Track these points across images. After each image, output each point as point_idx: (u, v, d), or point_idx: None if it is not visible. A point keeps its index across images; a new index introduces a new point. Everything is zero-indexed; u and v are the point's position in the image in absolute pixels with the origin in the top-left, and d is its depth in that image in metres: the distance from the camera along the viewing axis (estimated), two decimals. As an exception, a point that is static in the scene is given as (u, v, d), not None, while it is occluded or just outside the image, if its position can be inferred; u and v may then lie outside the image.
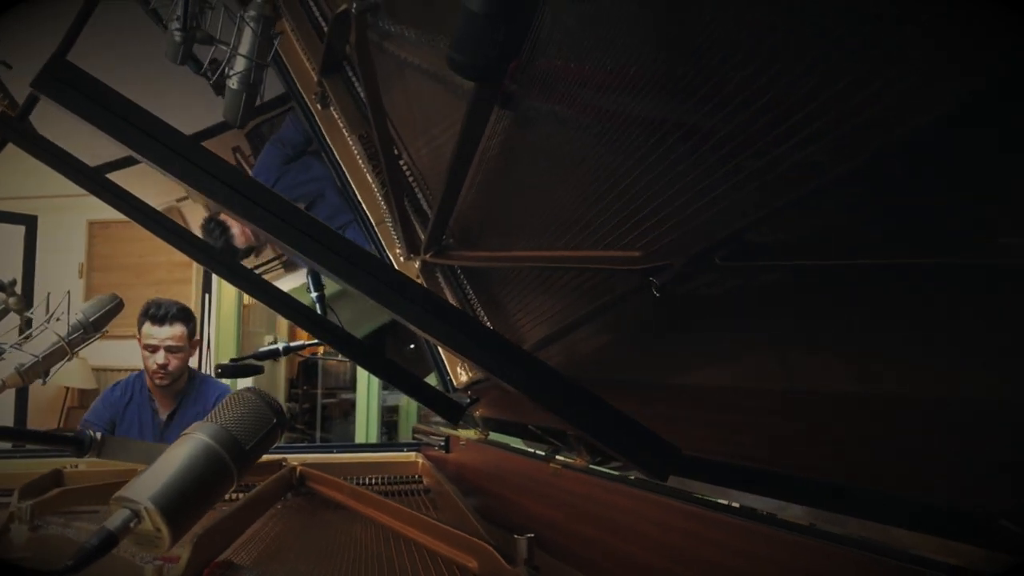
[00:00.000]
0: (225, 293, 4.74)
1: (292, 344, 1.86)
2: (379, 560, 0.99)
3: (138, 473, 0.59)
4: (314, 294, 1.77)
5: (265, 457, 1.04)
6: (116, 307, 1.33)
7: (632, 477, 1.13)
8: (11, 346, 1.14)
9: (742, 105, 0.71)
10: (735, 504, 0.94)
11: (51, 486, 1.36)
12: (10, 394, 3.92)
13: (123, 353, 4.24)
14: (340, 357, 4.28)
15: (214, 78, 1.20)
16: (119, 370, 4.42)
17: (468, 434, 1.62)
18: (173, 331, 2.53)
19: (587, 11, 0.86)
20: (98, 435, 0.63)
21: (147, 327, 2.54)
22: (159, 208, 1.89)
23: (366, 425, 4.34)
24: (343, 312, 2.08)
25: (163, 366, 2.51)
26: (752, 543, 0.89)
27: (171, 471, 0.58)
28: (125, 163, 3.41)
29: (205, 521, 0.84)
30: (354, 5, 1.32)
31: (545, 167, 1.15)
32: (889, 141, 0.61)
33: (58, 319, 1.19)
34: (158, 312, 2.52)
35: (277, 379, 5.75)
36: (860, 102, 0.60)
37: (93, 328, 1.25)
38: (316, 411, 6.29)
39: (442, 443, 1.76)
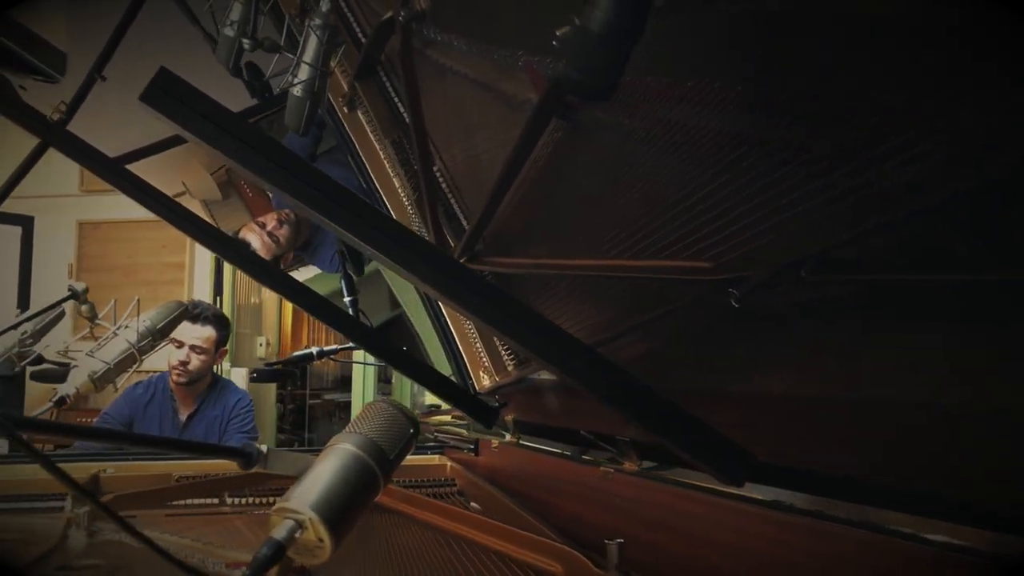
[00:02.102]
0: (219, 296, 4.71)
1: (326, 348, 1.86)
2: (454, 566, 1.00)
3: (294, 484, 0.60)
4: (347, 299, 1.77)
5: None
6: (182, 314, 1.34)
7: (684, 480, 1.16)
8: (86, 353, 1.14)
9: (836, 123, 0.74)
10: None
11: (95, 491, 1.36)
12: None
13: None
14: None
15: (280, 87, 1.21)
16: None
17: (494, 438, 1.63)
18: (202, 332, 2.58)
19: (669, 25, 0.87)
20: (263, 448, 0.64)
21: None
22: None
23: (361, 427, 4.33)
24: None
25: (183, 363, 2.56)
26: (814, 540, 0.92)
27: (326, 482, 0.59)
28: (125, 160, 3.39)
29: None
30: (401, 14, 1.34)
31: (603, 177, 1.17)
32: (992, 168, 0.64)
33: (126, 327, 1.20)
34: (194, 311, 2.56)
35: (265, 380, 5.70)
36: (966, 128, 0.63)
37: (160, 335, 1.26)
38: (305, 412, 6.28)
39: (471, 446, 1.77)
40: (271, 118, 3.61)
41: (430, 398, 4.71)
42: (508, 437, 1.66)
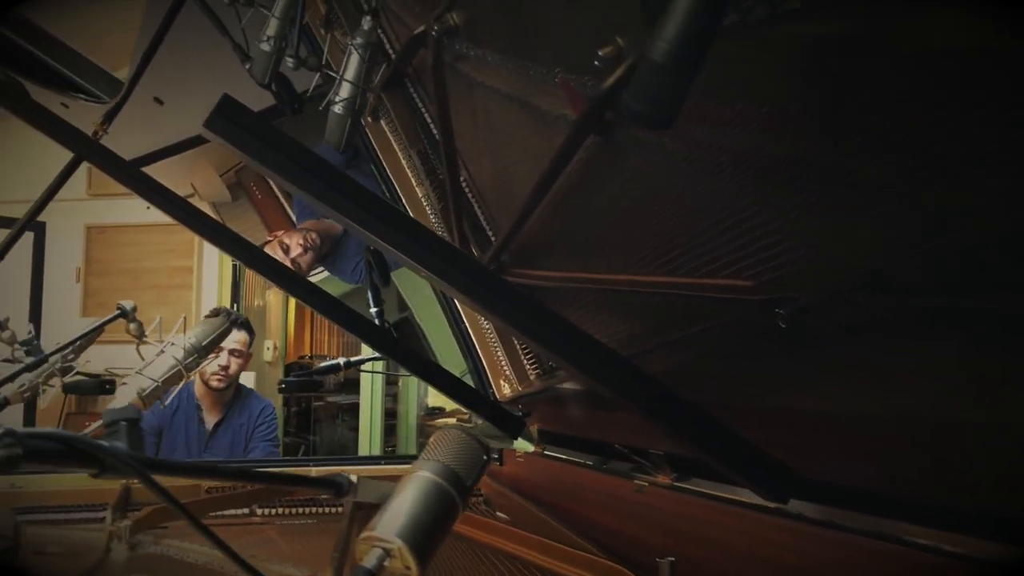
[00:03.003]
0: (225, 301, 4.72)
1: (353, 359, 1.88)
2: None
3: (378, 512, 0.62)
4: (373, 309, 1.78)
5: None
6: (227, 329, 1.35)
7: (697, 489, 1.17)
8: (136, 372, 1.16)
9: (886, 148, 0.75)
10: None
11: (127, 502, 1.37)
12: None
13: (122, 359, 4.18)
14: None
15: (323, 106, 1.22)
16: (118, 375, 4.38)
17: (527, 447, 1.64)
18: (239, 336, 2.71)
19: (721, 49, 0.88)
20: (354, 478, 0.65)
21: None
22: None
23: (369, 433, 4.32)
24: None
25: (225, 368, 2.69)
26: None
27: (410, 511, 0.60)
28: (139, 163, 3.40)
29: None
30: (435, 29, 1.35)
31: (639, 193, 1.18)
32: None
33: (172, 344, 1.21)
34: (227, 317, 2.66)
35: (271, 383, 5.70)
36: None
37: (205, 351, 1.27)
38: (309, 414, 6.28)
39: (495, 455, 1.78)
40: (282, 121, 3.61)
41: (433, 400, 4.72)
42: (516, 443, 1.68)
